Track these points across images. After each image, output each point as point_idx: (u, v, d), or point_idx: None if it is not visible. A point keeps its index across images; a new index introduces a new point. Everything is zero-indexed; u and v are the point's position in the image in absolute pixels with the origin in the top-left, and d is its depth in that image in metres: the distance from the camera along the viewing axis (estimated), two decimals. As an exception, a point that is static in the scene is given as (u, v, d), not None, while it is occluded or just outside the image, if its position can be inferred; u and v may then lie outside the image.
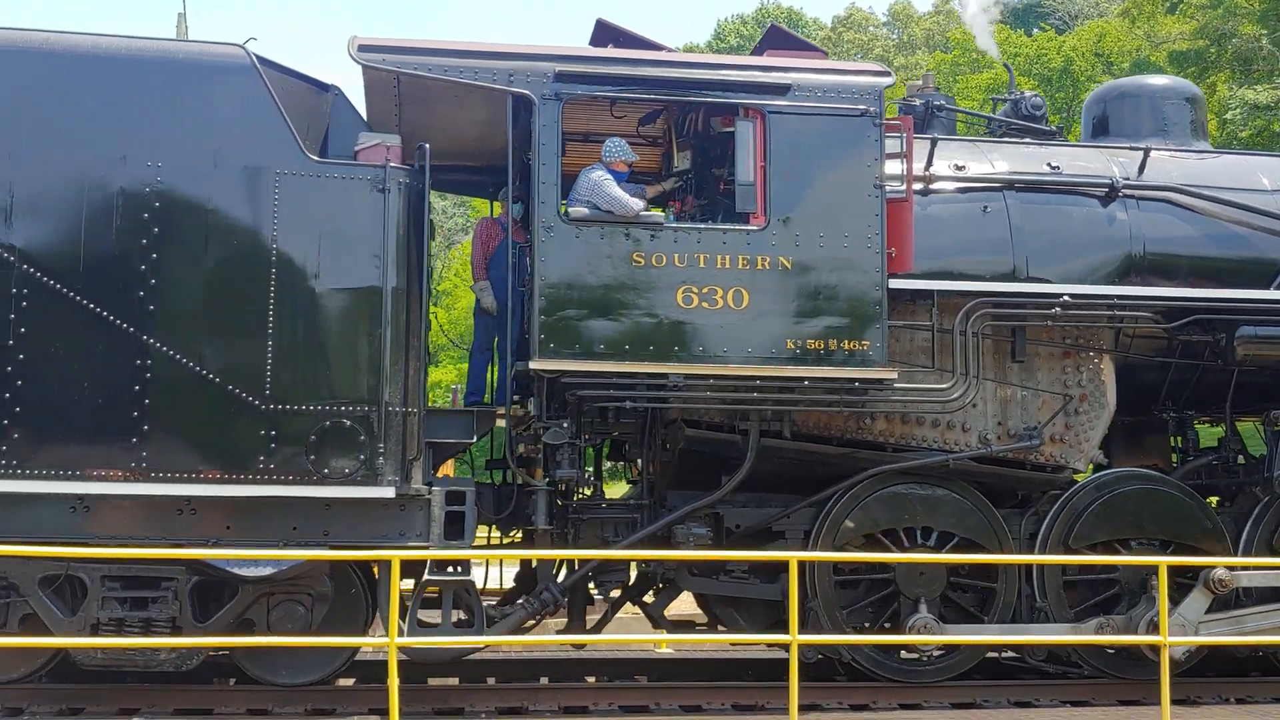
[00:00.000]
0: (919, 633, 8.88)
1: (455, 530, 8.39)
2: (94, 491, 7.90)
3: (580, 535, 9.02)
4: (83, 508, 7.96)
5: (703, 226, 8.60)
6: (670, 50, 9.49)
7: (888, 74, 8.94)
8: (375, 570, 8.68)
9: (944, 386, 8.97)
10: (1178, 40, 26.94)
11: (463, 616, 8.62)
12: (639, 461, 9.57)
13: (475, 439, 8.67)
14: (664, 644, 11.36)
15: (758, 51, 9.85)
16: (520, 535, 9.61)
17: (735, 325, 8.47)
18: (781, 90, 8.69)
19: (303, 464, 8.03)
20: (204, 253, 8.04)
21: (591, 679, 9.45)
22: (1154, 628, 8.55)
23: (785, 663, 7.51)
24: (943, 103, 10.34)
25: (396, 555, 7.49)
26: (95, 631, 8.05)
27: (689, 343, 8.43)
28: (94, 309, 7.88)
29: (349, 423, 8.08)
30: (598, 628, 9.58)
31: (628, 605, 9.99)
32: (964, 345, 8.99)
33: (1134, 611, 9.18)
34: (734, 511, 9.12)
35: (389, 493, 8.12)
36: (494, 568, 10.75)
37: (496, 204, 9.92)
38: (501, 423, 9.00)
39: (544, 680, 9.62)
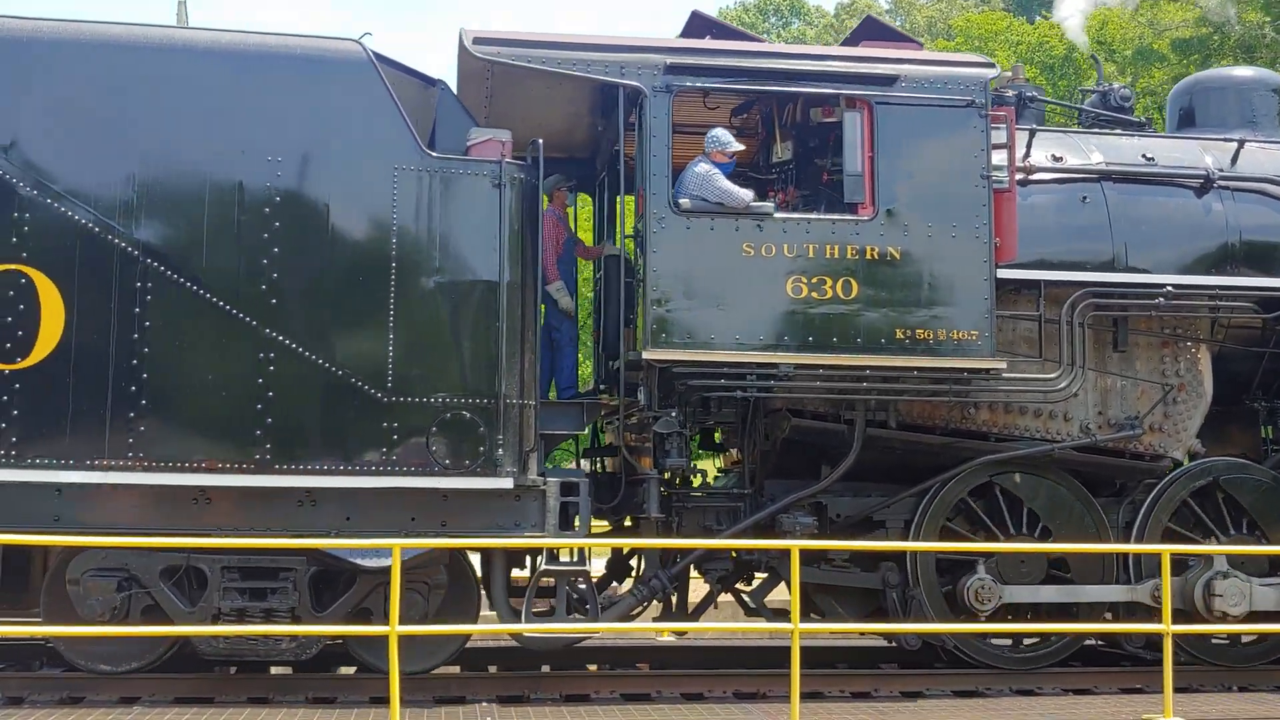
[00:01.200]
0: (975, 594, 8.92)
1: (566, 520, 8.46)
2: (215, 484, 7.98)
3: (683, 524, 9.09)
4: (204, 499, 8.05)
5: (812, 217, 8.67)
6: (766, 41, 9.56)
7: (992, 65, 9.01)
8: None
9: (1051, 376, 9.03)
10: (1180, 28, 26.84)
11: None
12: (733, 451, 9.64)
13: (585, 429, 8.74)
14: (665, 632, 11.29)
15: (851, 42, 9.92)
16: (608, 524, 9.67)
17: (844, 315, 8.53)
18: (889, 81, 8.74)
19: (423, 455, 8.11)
20: (325, 247, 8.11)
21: (593, 667, 9.33)
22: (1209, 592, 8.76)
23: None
24: (1035, 94, 10.38)
25: (517, 543, 7.57)
26: (216, 621, 8.13)
27: (799, 332, 8.49)
28: (217, 302, 7.97)
29: (469, 415, 8.16)
30: (695, 615, 9.65)
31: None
32: (1070, 335, 9.04)
33: (1189, 574, 9.24)
34: (837, 501, 9.18)
35: (507, 484, 8.20)
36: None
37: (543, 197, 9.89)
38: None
39: (545, 668, 9.48)
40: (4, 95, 7.89)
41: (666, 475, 8.83)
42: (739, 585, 9.91)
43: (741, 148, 9.00)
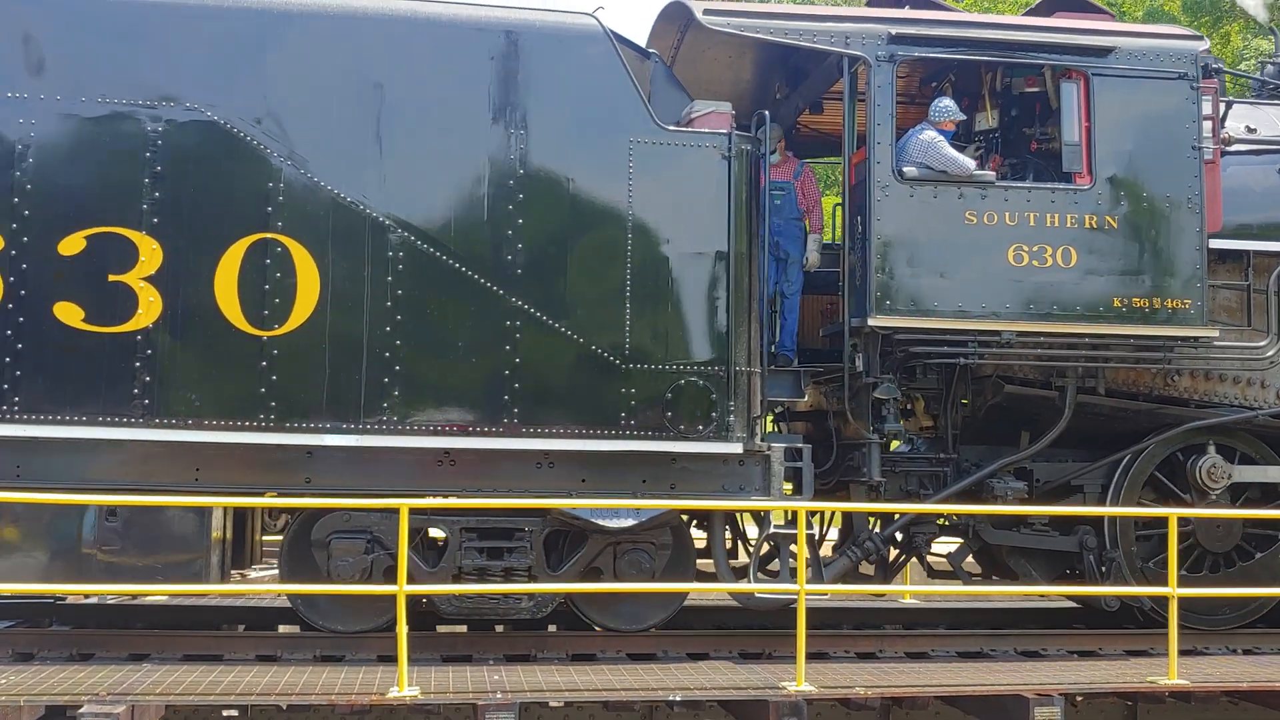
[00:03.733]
0: (1207, 473, 9.12)
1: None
2: (460, 446, 8.22)
3: (887, 488, 9.30)
4: (448, 461, 8.30)
5: (1032, 186, 8.82)
6: (959, 11, 9.69)
7: (1201, 38, 9.14)
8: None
9: (1260, 345, 9.18)
10: None
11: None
12: (919, 416, 9.83)
13: (805, 397, 8.94)
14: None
15: (1042, 11, 10.01)
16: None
17: (1064, 283, 8.70)
18: (1104, 53, 8.87)
19: (658, 420, 8.33)
20: (566, 217, 8.31)
21: (599, 628, 9.29)
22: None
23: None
24: (1220, 65, 10.45)
25: (768, 505, 7.80)
26: (458, 580, 8.40)
27: (1020, 300, 8.67)
28: (465, 271, 8.18)
29: (701, 382, 8.37)
30: (889, 578, 9.89)
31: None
32: (1277, 305, 9.18)
33: None
34: (1042, 466, 9.37)
35: (737, 448, 8.41)
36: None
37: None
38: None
39: (552, 629, 9.48)
40: (260, 70, 8.08)
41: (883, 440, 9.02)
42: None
43: (965, 118, 9.14)
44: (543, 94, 8.32)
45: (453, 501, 7.96)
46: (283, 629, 9.66)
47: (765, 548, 8.90)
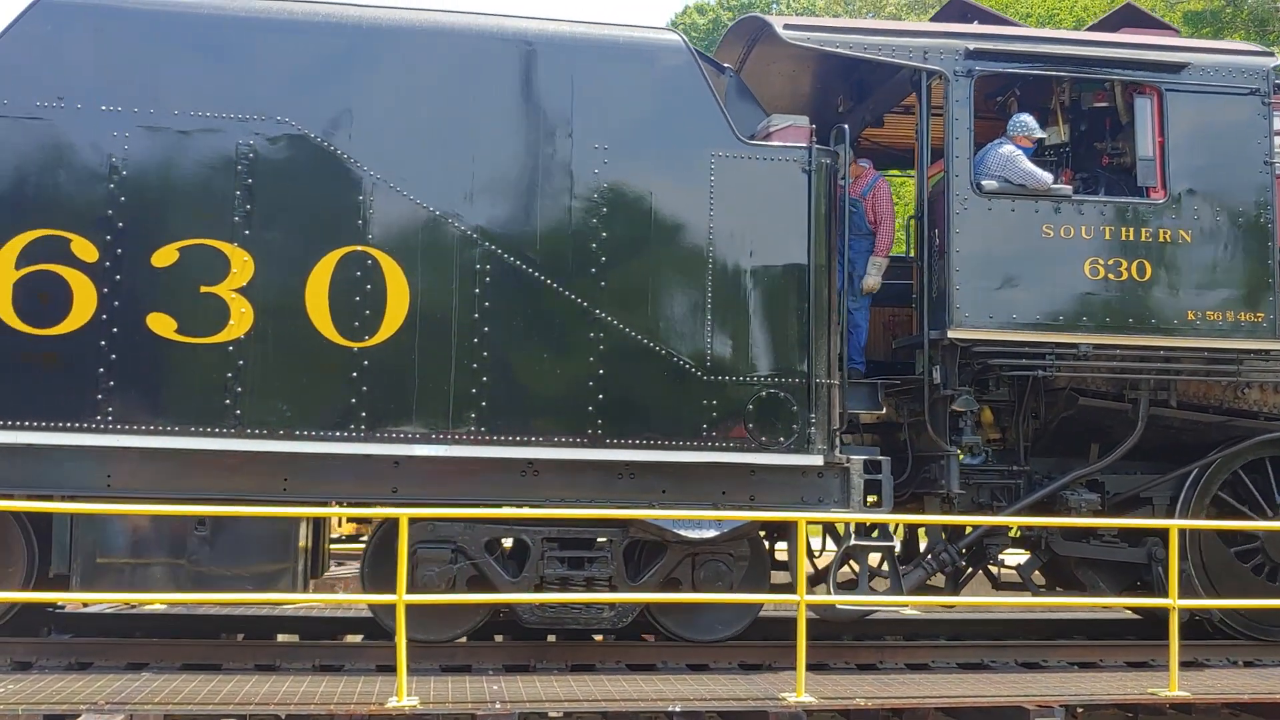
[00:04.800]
0: None
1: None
2: (544, 456, 8.29)
3: (959, 500, 9.35)
4: (531, 471, 8.37)
5: (1108, 200, 8.91)
6: (1024, 26, 9.79)
7: (1272, 54, 9.22)
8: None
9: (1335, 359, 9.24)
10: (1193, 0, 26.74)
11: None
12: (986, 428, 9.88)
13: (882, 409, 9.00)
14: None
15: (1107, 26, 10.12)
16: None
17: (1139, 296, 8.79)
18: (1178, 69, 8.97)
19: (739, 432, 8.40)
20: (649, 230, 8.40)
21: (599, 637, 9.29)
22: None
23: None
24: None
25: (859, 518, 7.85)
26: (540, 590, 8.45)
27: (1097, 313, 8.76)
28: (550, 284, 8.26)
29: (782, 394, 8.44)
30: (957, 590, 9.93)
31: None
32: (1348, 320, 9.24)
33: None
34: (1113, 478, 9.44)
35: (818, 460, 8.48)
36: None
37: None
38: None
39: (551, 639, 9.45)
40: (349, 84, 8.19)
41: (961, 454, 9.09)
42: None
43: (1045, 135, 9.23)
44: (626, 108, 8.42)
45: (528, 512, 8.04)
46: (281, 638, 9.72)
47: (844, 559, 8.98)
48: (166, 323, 7.95)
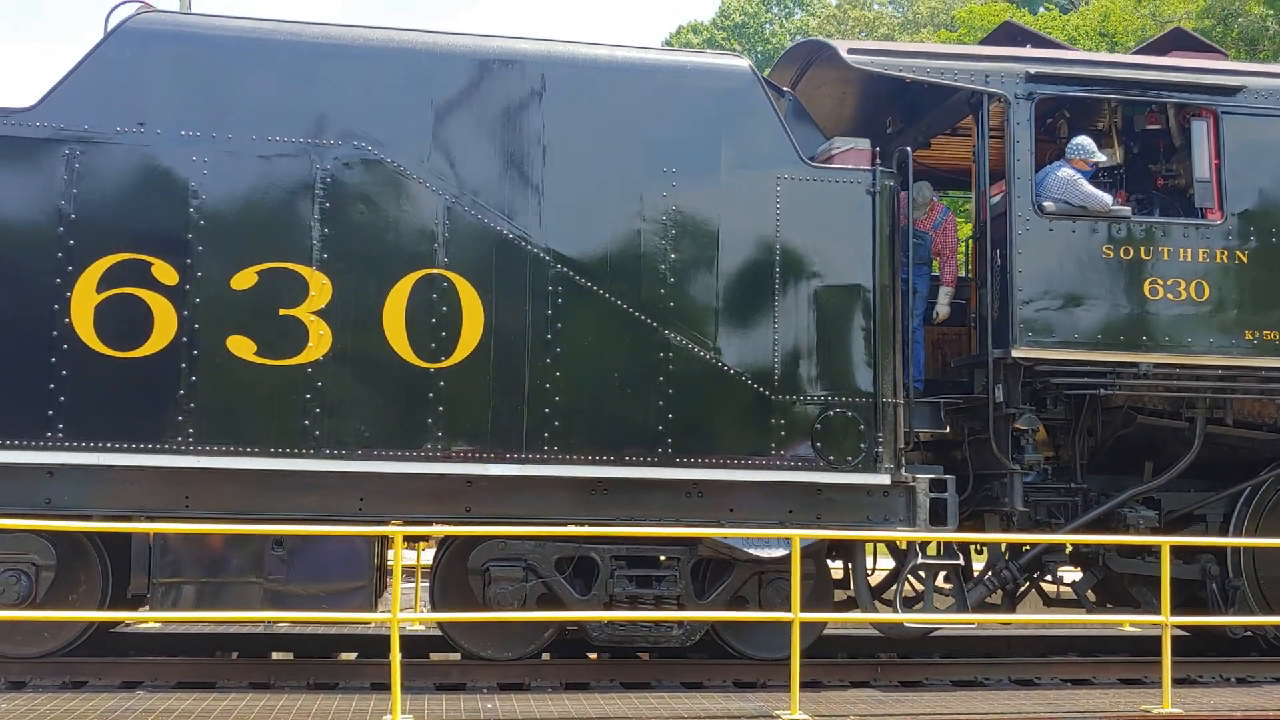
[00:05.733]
0: None
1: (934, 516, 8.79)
2: (614, 475, 8.39)
3: (1017, 517, 9.44)
4: (601, 490, 8.46)
5: (1168, 221, 9.05)
6: (1074, 49, 9.96)
7: (1325, 76, 9.36)
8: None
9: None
10: (1184, 20, 27.00)
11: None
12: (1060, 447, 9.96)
13: (946, 428, 9.10)
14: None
15: (1155, 50, 10.28)
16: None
17: (1198, 316, 8.93)
18: (1233, 92, 9.12)
19: (806, 451, 8.51)
20: (716, 252, 8.52)
21: (593, 655, 9.22)
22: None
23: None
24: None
25: (928, 536, 7.94)
26: (609, 608, 8.54)
27: (1156, 333, 8.89)
28: (620, 305, 8.38)
29: (850, 413, 8.55)
30: (1012, 607, 10.02)
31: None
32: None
33: None
34: (1169, 496, 9.54)
35: (885, 479, 8.58)
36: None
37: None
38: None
39: (545, 657, 9.28)
40: (424, 111, 8.32)
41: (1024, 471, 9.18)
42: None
43: (1104, 158, 9.37)
44: (693, 132, 8.56)
45: (597, 530, 8.11)
46: (276, 656, 9.73)
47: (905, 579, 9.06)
48: (246, 345, 8.06)
